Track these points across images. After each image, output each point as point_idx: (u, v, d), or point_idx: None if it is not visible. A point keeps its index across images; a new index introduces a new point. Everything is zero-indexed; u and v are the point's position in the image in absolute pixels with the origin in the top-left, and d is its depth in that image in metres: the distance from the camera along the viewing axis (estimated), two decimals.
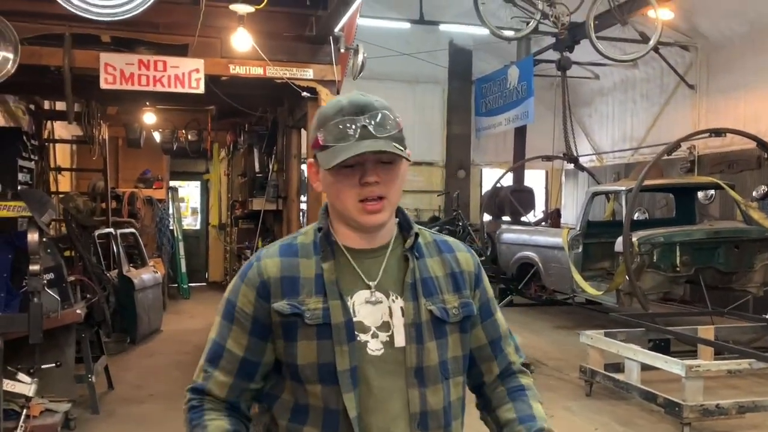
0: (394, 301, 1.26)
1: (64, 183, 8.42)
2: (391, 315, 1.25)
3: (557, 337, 7.38)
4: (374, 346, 1.23)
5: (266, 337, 1.26)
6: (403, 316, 1.25)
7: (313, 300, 1.23)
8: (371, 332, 1.24)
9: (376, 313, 1.25)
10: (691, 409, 4.24)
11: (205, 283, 12.41)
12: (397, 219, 1.35)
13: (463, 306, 1.31)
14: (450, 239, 1.42)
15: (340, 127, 1.21)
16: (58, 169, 7.71)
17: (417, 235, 1.32)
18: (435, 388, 1.25)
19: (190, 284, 11.39)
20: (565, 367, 6.01)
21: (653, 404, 4.60)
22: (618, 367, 5.20)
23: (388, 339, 1.24)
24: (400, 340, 1.24)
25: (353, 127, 1.20)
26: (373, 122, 1.20)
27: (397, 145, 1.21)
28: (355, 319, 1.23)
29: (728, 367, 4.58)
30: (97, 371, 5.08)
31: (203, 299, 10.78)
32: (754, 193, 8.21)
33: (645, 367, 4.89)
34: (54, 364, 4.30)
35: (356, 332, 1.23)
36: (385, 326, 1.25)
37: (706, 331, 5.67)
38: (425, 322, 1.25)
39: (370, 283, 1.26)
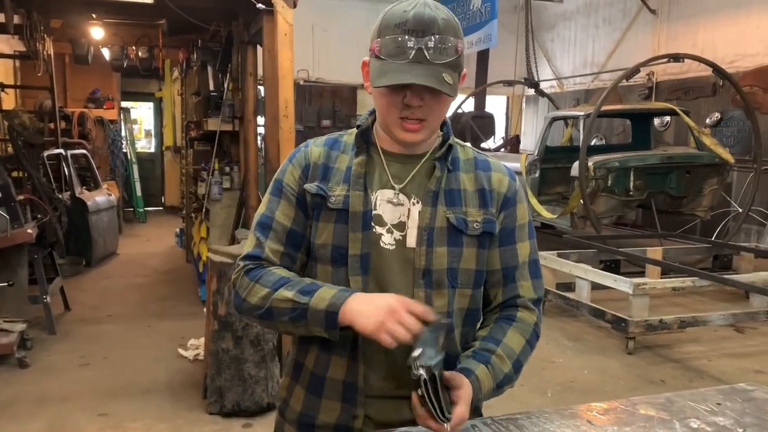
0: (414, 204, 1.31)
1: (8, 101, 8.02)
2: (408, 217, 1.31)
3: None
4: (387, 240, 1.30)
5: (307, 213, 1.34)
6: (418, 218, 1.30)
7: (339, 188, 1.31)
8: (387, 227, 1.30)
9: (395, 213, 1.31)
10: (636, 324, 4.46)
11: (161, 208, 12.18)
12: (442, 132, 1.36)
13: (485, 222, 1.32)
14: (494, 161, 1.41)
15: (397, 42, 1.19)
16: (1, 86, 7.33)
17: (450, 147, 1.35)
18: (440, 292, 1.30)
19: (146, 208, 11.20)
20: None
21: (601, 320, 4.81)
22: (569, 287, 5.40)
23: (401, 238, 1.30)
24: (411, 242, 1.30)
25: (409, 46, 1.18)
26: (431, 47, 1.18)
27: (446, 76, 1.19)
28: (374, 212, 1.30)
29: (672, 285, 4.79)
30: (52, 292, 5.02)
31: (160, 223, 10.62)
32: (708, 120, 8.39)
33: (595, 287, 5.08)
34: (6, 283, 4.22)
35: (373, 224, 1.29)
36: (401, 226, 1.30)
37: (655, 253, 5.89)
38: (439, 228, 1.29)
39: (396, 186, 1.31)
